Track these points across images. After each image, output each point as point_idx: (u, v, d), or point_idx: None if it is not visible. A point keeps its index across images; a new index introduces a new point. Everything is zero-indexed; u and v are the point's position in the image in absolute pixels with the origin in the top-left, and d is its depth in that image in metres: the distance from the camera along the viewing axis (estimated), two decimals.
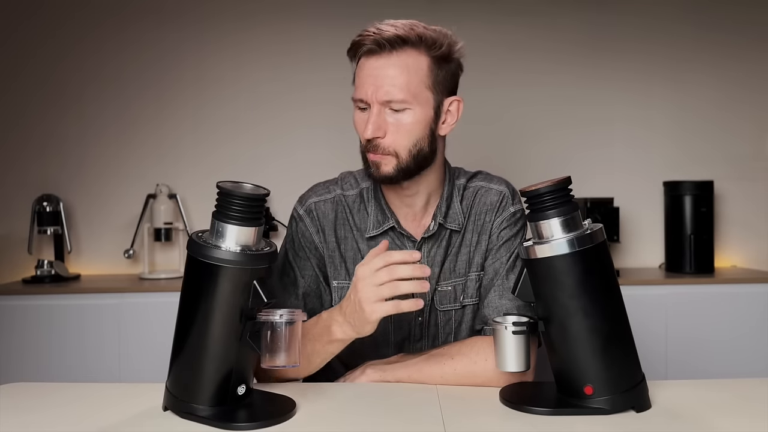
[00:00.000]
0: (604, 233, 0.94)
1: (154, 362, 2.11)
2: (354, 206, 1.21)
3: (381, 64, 1.08)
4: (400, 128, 1.09)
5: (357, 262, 1.18)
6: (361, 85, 1.11)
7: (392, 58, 1.08)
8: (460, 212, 1.20)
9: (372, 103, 1.09)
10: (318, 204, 1.22)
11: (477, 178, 1.24)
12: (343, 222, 1.21)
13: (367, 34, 1.09)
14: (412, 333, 1.21)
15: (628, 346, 0.95)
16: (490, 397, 1.00)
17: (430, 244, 1.19)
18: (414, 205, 1.19)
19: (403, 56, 1.08)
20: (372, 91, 1.08)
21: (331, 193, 1.23)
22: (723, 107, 2.70)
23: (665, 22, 2.69)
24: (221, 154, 2.63)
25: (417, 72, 1.09)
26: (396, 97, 1.07)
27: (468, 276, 1.20)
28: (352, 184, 1.24)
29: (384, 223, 1.18)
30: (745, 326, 2.29)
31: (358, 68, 1.13)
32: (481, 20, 2.62)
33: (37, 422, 0.91)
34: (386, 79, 1.08)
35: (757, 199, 2.70)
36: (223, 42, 2.65)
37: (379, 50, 1.08)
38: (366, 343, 1.21)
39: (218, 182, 0.89)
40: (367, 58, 1.10)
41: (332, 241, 1.20)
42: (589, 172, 2.65)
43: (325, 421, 0.91)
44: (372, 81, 1.08)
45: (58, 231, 2.52)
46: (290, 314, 0.91)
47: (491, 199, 1.21)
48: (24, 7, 2.61)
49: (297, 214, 1.23)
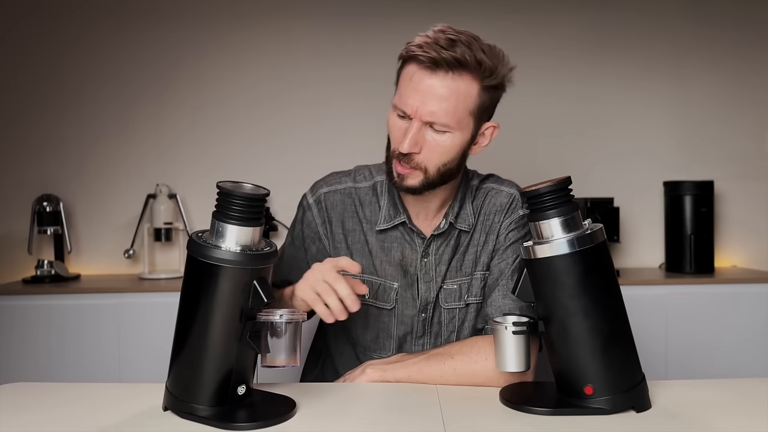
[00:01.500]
0: (604, 233, 0.94)
1: (154, 362, 2.10)
2: (366, 198, 1.23)
3: (433, 83, 1.05)
4: (436, 148, 1.09)
5: (364, 254, 1.21)
6: (406, 95, 1.07)
7: (446, 80, 1.05)
8: (471, 213, 1.22)
9: (414, 117, 1.07)
10: (328, 195, 1.24)
11: (489, 181, 1.26)
12: (352, 214, 1.22)
13: (426, 47, 1.04)
14: (414, 329, 1.22)
15: (628, 346, 0.95)
16: (490, 397, 1.00)
17: (439, 242, 1.20)
18: (428, 207, 1.21)
19: (458, 80, 1.05)
20: (417, 106, 1.06)
21: (343, 185, 1.24)
22: (723, 106, 2.70)
23: (666, 20, 2.68)
24: (221, 153, 2.63)
25: (466, 98, 1.07)
26: (440, 120, 1.06)
27: (473, 275, 1.21)
28: (366, 176, 1.25)
29: (395, 217, 1.20)
30: (746, 326, 2.29)
31: (406, 73, 1.09)
32: (481, 18, 2.61)
33: (37, 422, 0.91)
34: (434, 100, 1.05)
35: (758, 199, 2.70)
36: (222, 41, 2.65)
37: (434, 68, 1.05)
38: (368, 336, 1.22)
39: (218, 182, 0.89)
40: (421, 72, 1.06)
41: (339, 232, 1.22)
42: (589, 172, 2.65)
43: (325, 421, 0.91)
44: (420, 97, 1.06)
45: (58, 231, 2.52)
46: (290, 314, 0.91)
47: (501, 201, 1.22)
48: (21, 6, 2.60)
49: (306, 203, 1.25)
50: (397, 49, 1.12)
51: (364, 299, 1.21)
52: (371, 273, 1.22)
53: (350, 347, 1.27)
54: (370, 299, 1.22)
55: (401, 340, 1.22)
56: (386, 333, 1.22)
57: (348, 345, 1.28)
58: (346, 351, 1.28)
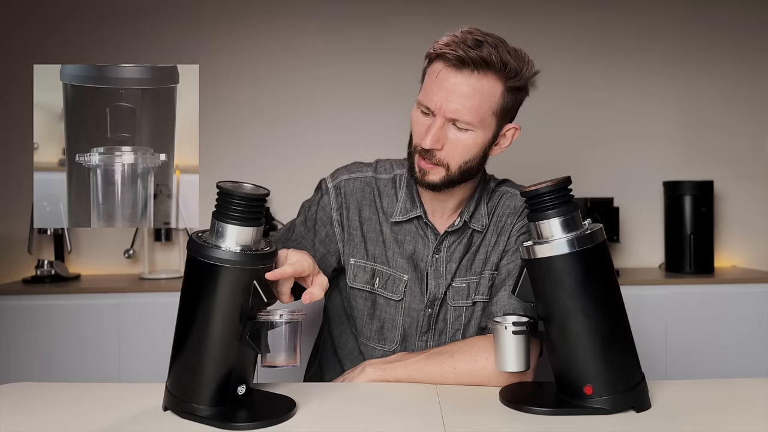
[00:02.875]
0: (604, 233, 0.94)
1: (154, 362, 2.11)
2: (384, 190, 1.24)
3: (458, 81, 1.07)
4: (458, 145, 1.10)
5: (378, 244, 1.23)
6: (431, 92, 1.09)
7: (471, 79, 1.07)
8: (486, 214, 1.23)
9: (438, 114, 1.08)
10: (348, 181, 1.25)
11: (505, 184, 1.28)
12: (370, 203, 1.24)
13: (453, 45, 1.06)
14: (419, 323, 1.22)
15: (627, 346, 0.95)
16: (490, 397, 1.00)
17: (452, 239, 1.22)
18: (445, 207, 1.22)
19: (483, 80, 1.07)
20: (442, 104, 1.07)
21: (364, 173, 1.26)
22: (723, 107, 2.70)
23: (665, 21, 2.69)
24: (220, 153, 2.63)
25: (489, 98, 1.08)
26: (463, 118, 1.07)
27: (482, 274, 1.22)
28: (387, 169, 1.27)
29: (411, 211, 1.21)
30: (745, 326, 2.29)
31: (432, 71, 1.11)
32: (480, 19, 2.60)
33: (37, 422, 0.91)
34: (458, 97, 1.07)
35: (757, 199, 2.71)
36: (221, 41, 2.65)
37: (461, 66, 1.06)
38: (374, 326, 1.23)
39: (218, 182, 0.89)
40: (447, 70, 1.08)
41: (355, 219, 1.23)
42: (589, 172, 2.65)
43: (325, 421, 0.91)
44: (444, 94, 1.07)
45: (58, 231, 2.52)
46: (290, 314, 0.91)
47: (515, 204, 1.24)
48: (23, 7, 2.61)
49: (325, 186, 1.26)
50: (398, 49, 1.13)
51: (373, 288, 1.23)
52: (383, 263, 1.23)
53: (353, 338, 1.28)
54: (379, 288, 1.23)
55: (406, 333, 1.23)
56: (392, 324, 1.22)
57: (351, 336, 1.28)
58: (350, 342, 1.28)
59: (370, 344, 1.24)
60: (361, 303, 1.24)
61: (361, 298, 1.24)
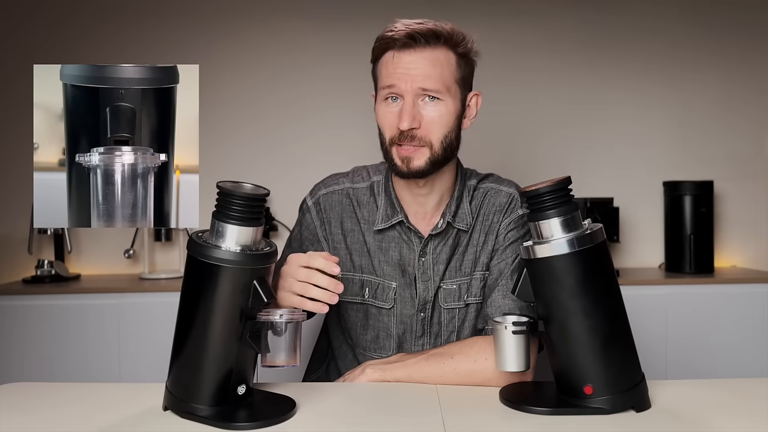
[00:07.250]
0: (604, 233, 0.94)
1: (154, 362, 2.11)
2: (363, 199, 1.24)
3: (415, 57, 1.10)
4: (435, 119, 1.11)
5: (363, 254, 1.21)
6: (393, 76, 1.11)
7: (426, 53, 1.10)
8: (469, 212, 1.22)
9: (406, 94, 1.10)
10: (326, 196, 1.25)
11: (488, 180, 1.26)
12: (351, 214, 1.23)
13: (398, 29, 1.10)
14: (413, 328, 1.22)
15: (627, 346, 0.95)
16: (490, 397, 1.00)
17: (437, 242, 1.21)
18: (426, 204, 1.21)
19: (436, 51, 1.11)
20: (407, 79, 1.09)
21: (340, 185, 1.25)
22: (723, 107, 2.70)
23: (665, 22, 2.69)
24: (220, 153, 2.63)
25: (448, 66, 1.11)
26: (434, 86, 1.09)
27: (473, 275, 1.21)
28: (364, 177, 1.26)
29: (393, 217, 1.20)
30: (745, 326, 2.29)
31: (385, 62, 1.13)
32: (480, 19, 2.62)
33: (37, 422, 0.91)
34: (421, 70, 1.09)
35: (757, 199, 2.70)
36: (222, 42, 2.65)
37: (413, 44, 1.10)
38: (368, 336, 1.23)
39: (218, 182, 0.89)
40: (400, 53, 1.11)
41: (338, 233, 1.23)
42: (589, 172, 2.65)
43: (325, 421, 0.91)
44: (406, 71, 1.10)
45: (58, 231, 2.52)
46: (290, 314, 0.91)
47: (500, 201, 1.23)
48: (24, 7, 2.61)
49: (306, 206, 1.27)
50: None
51: (363, 299, 1.22)
52: (370, 273, 1.22)
53: (350, 350, 1.28)
54: (369, 299, 1.22)
55: (401, 340, 1.22)
56: (386, 333, 1.22)
57: (348, 348, 1.28)
58: (349, 354, 1.28)
59: (368, 354, 1.24)
60: (353, 315, 1.24)
61: (353, 310, 1.24)
